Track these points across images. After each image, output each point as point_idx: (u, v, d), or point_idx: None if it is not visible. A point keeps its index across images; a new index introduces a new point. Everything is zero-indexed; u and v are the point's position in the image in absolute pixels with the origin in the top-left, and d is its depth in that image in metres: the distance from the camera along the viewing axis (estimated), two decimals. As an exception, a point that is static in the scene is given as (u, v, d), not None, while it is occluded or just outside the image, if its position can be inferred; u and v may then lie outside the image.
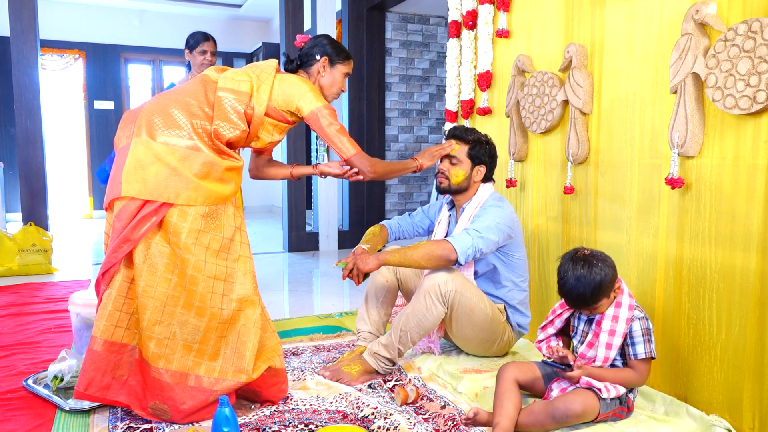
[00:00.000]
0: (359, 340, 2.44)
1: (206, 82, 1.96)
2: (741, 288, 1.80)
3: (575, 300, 1.79)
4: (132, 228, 1.78)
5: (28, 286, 3.84)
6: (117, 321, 1.83)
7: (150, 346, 1.80)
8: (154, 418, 1.85)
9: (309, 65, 2.12)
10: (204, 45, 3.41)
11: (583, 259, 1.78)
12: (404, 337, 2.20)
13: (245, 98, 1.93)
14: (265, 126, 1.99)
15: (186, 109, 1.88)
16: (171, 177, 1.79)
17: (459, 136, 2.36)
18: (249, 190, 4.18)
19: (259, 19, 8.51)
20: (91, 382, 1.82)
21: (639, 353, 1.79)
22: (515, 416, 1.76)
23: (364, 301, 2.47)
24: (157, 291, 1.80)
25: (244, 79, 1.95)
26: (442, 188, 2.40)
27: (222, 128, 1.89)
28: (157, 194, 1.78)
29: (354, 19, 5.72)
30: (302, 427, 1.83)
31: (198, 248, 1.82)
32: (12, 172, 7.01)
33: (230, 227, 1.90)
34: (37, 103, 4.80)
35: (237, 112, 1.91)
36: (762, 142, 1.73)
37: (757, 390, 1.76)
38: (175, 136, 1.84)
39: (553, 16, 2.55)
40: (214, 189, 1.85)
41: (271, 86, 1.97)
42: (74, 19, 7.72)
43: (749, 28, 1.71)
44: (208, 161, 1.85)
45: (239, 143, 1.98)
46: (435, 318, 2.18)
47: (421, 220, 2.63)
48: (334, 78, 2.13)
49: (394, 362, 2.24)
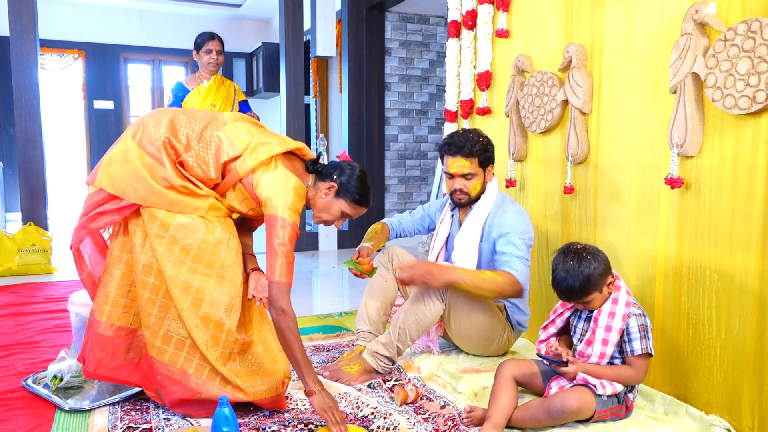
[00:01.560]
0: (359, 339, 2.43)
1: (214, 119, 1.90)
2: (740, 288, 1.80)
3: (565, 292, 1.82)
4: (90, 218, 1.81)
5: (28, 285, 3.84)
6: (124, 307, 1.86)
7: (146, 334, 1.85)
8: (158, 400, 1.92)
9: (321, 179, 1.95)
10: (209, 44, 3.42)
11: (574, 252, 1.81)
12: (403, 335, 2.19)
13: (234, 153, 1.83)
14: (235, 190, 1.87)
15: (172, 127, 1.85)
16: (138, 180, 1.78)
17: (467, 153, 2.24)
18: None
19: (259, 19, 8.51)
20: (100, 363, 1.87)
21: (636, 349, 1.79)
22: (509, 411, 1.77)
23: (364, 301, 2.47)
24: (150, 283, 1.82)
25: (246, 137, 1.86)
26: (463, 204, 2.35)
27: (191, 162, 1.82)
28: (122, 192, 1.79)
29: (354, 19, 5.71)
30: (302, 427, 1.83)
31: (167, 255, 1.79)
32: (12, 171, 7.00)
33: (209, 241, 1.82)
34: (36, 103, 4.80)
35: (216, 159, 1.82)
36: (761, 142, 1.73)
37: (757, 390, 1.76)
38: (150, 143, 1.82)
39: (552, 16, 2.55)
40: (180, 198, 1.80)
41: (261, 162, 1.82)
42: (74, 19, 7.72)
43: (749, 28, 1.71)
44: (167, 177, 1.79)
45: (206, 185, 1.86)
46: (433, 315, 2.18)
47: (422, 218, 2.62)
48: (331, 206, 1.95)
49: (393, 361, 2.24)
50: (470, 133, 2.30)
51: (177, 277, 1.79)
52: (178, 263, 1.79)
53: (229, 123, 1.89)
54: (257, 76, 8.16)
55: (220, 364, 1.81)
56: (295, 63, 5.17)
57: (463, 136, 2.29)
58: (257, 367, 1.90)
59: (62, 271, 4.33)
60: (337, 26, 5.96)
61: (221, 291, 1.83)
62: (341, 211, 1.96)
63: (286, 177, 1.84)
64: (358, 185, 1.95)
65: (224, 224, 1.88)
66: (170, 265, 1.79)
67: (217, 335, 1.82)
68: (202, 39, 3.44)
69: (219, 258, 1.84)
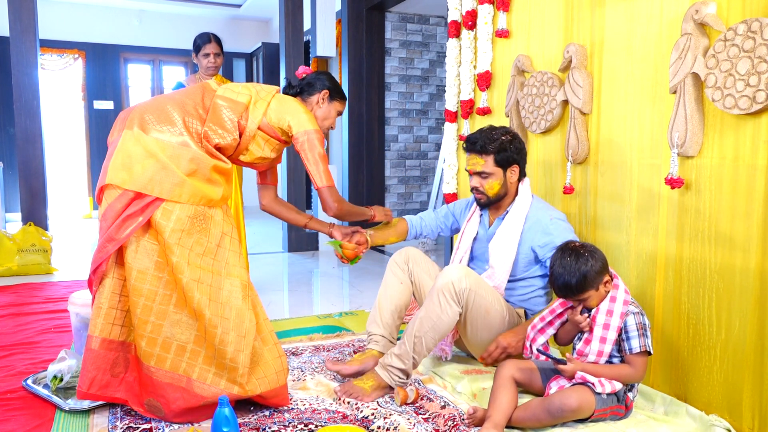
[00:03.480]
0: (370, 343, 2.30)
1: (205, 89, 2.01)
2: (741, 288, 1.80)
3: (561, 288, 1.83)
4: (117, 227, 1.78)
5: (28, 286, 3.84)
6: (113, 319, 1.84)
7: (141, 344, 1.81)
8: (149, 414, 1.86)
9: (309, 94, 2.19)
10: (206, 47, 3.42)
11: (572, 249, 1.83)
12: (419, 344, 2.04)
13: (241, 108, 1.97)
14: (256, 139, 2.02)
15: (181, 107, 1.91)
16: (159, 171, 1.80)
17: (479, 150, 2.19)
18: (249, 190, 4.18)
19: (259, 19, 8.51)
20: (93, 381, 1.83)
21: (634, 347, 1.79)
22: (509, 411, 1.78)
23: (377, 303, 2.34)
24: (146, 289, 1.80)
25: (243, 92, 2.02)
26: (482, 204, 2.28)
27: (213, 132, 1.92)
28: (141, 185, 1.79)
29: (354, 19, 5.72)
30: (302, 427, 1.83)
31: (180, 249, 1.80)
32: (12, 172, 7.01)
33: (217, 233, 1.89)
34: (36, 103, 4.80)
35: (231, 120, 1.95)
36: (761, 142, 1.73)
37: (757, 390, 1.76)
38: (167, 131, 1.85)
39: (552, 16, 2.55)
40: (200, 188, 1.85)
41: (268, 102, 2.02)
42: (74, 19, 7.72)
43: (749, 28, 1.71)
44: (196, 157, 1.86)
45: (227, 152, 2.00)
46: (450, 319, 2.05)
47: (445, 216, 2.51)
48: (329, 112, 2.21)
49: (408, 374, 2.08)
50: (492, 130, 2.22)
51: (192, 271, 1.80)
52: (194, 257, 1.82)
53: (218, 89, 2.02)
54: (257, 77, 8.17)
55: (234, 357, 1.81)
56: (295, 63, 5.17)
57: (482, 133, 2.22)
58: (258, 357, 1.89)
59: (62, 271, 4.33)
60: (337, 26, 5.96)
61: (232, 281, 1.88)
62: (337, 111, 2.24)
63: (290, 99, 2.10)
64: (337, 83, 2.25)
65: (227, 215, 1.95)
66: (185, 259, 1.80)
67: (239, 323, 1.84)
68: (200, 42, 3.44)
69: (226, 250, 1.90)
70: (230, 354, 1.81)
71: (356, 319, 3.12)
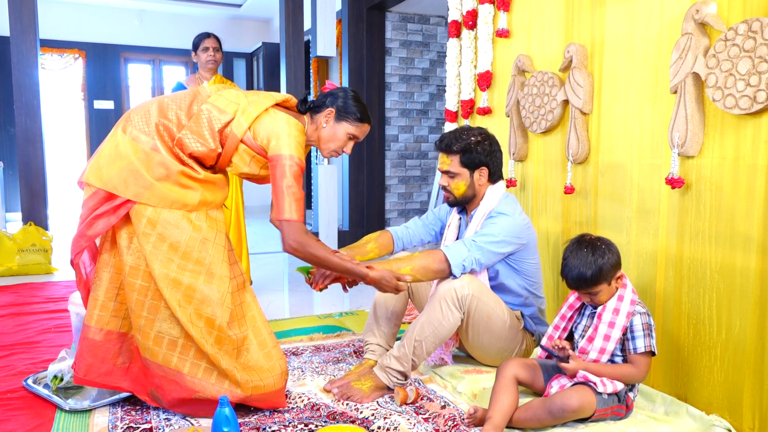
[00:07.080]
0: (367, 353, 2.31)
1: (197, 95, 1.94)
2: (741, 288, 1.80)
3: (575, 280, 1.82)
4: (87, 225, 1.80)
5: (28, 285, 3.84)
6: (113, 311, 1.86)
7: (138, 337, 1.84)
8: (153, 403, 1.91)
9: (316, 112, 2.02)
10: (205, 42, 3.44)
11: (589, 242, 1.84)
12: (419, 348, 2.04)
13: (226, 119, 1.87)
14: (239, 153, 1.90)
15: (160, 111, 1.87)
16: (130, 174, 1.79)
17: (445, 148, 2.18)
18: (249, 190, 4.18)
19: (259, 19, 8.51)
20: (89, 368, 1.87)
21: (639, 347, 1.79)
22: (509, 412, 1.77)
23: (372, 312, 2.34)
24: (138, 284, 1.81)
25: (233, 101, 1.90)
26: (450, 203, 2.27)
27: (187, 139, 1.84)
28: (112, 186, 1.79)
29: (354, 19, 5.71)
30: (302, 427, 1.83)
31: (151, 251, 1.79)
32: (12, 171, 7.00)
33: (196, 238, 1.83)
34: (36, 102, 4.80)
35: (211, 129, 1.85)
36: (762, 142, 1.73)
37: (757, 390, 1.76)
38: (143, 134, 1.84)
39: (553, 16, 2.55)
40: (171, 192, 1.81)
41: (255, 117, 1.87)
42: (74, 19, 7.72)
43: (749, 28, 1.71)
44: (164, 162, 1.81)
45: (207, 161, 1.90)
46: (451, 325, 2.04)
47: (433, 222, 2.48)
48: (335, 133, 2.00)
49: (406, 376, 2.08)
50: (463, 131, 2.19)
51: (167, 275, 1.79)
52: (166, 261, 1.79)
53: (212, 95, 1.93)
54: (257, 76, 8.17)
55: (219, 356, 1.80)
56: (296, 63, 5.17)
57: (453, 132, 2.19)
58: (254, 363, 1.89)
59: (62, 271, 4.33)
60: (338, 26, 5.96)
61: (211, 288, 1.83)
62: (346, 133, 2.01)
63: (282, 117, 1.89)
64: (356, 104, 2.00)
65: (211, 220, 1.89)
66: (158, 263, 1.78)
67: (210, 331, 1.82)
68: (199, 38, 3.49)
69: (207, 255, 1.85)
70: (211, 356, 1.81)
71: (356, 318, 3.12)
